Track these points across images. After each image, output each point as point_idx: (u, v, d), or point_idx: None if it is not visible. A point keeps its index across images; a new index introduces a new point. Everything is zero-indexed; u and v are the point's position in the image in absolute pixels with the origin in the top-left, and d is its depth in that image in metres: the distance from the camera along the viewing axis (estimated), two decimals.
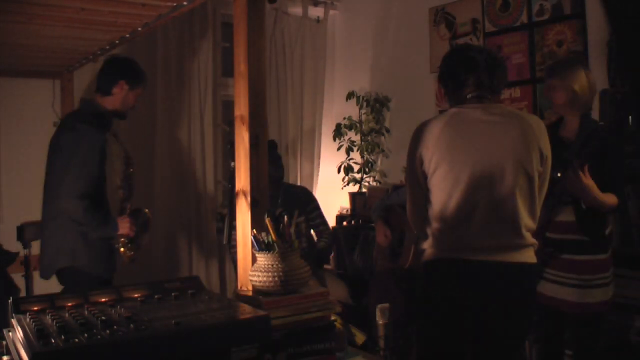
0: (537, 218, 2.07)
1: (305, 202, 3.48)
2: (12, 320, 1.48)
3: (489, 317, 2.00)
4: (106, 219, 2.69)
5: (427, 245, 2.12)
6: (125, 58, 2.98)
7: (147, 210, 2.93)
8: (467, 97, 2.10)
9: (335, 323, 1.74)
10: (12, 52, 3.09)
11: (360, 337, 2.66)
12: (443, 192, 2.04)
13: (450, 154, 2.03)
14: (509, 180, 1.98)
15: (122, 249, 2.78)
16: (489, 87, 2.09)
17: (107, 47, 3.13)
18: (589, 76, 2.53)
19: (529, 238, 2.03)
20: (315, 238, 3.55)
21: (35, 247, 3.15)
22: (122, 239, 2.76)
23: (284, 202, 3.34)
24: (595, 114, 2.83)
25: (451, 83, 2.16)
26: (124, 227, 2.73)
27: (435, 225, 2.08)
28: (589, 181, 2.31)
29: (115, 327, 1.33)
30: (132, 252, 2.80)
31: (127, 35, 2.87)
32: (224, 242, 2.74)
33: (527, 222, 2.02)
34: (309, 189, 4.00)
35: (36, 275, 3.12)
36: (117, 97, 2.80)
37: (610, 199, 2.39)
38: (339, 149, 4.59)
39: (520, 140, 1.99)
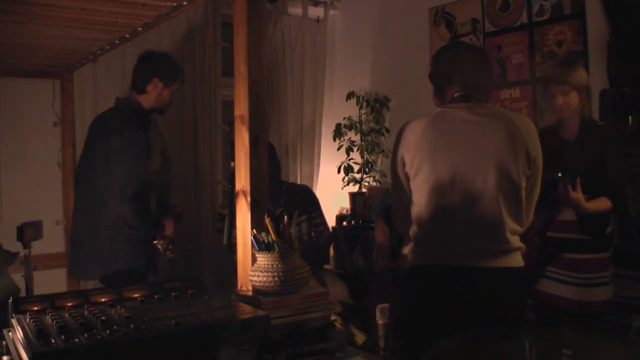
0: (525, 221, 2.00)
1: (307, 202, 3.49)
2: (12, 320, 1.48)
3: (476, 323, 1.89)
4: (156, 221, 2.69)
5: (409, 251, 2.07)
6: (160, 54, 2.90)
7: (179, 209, 2.85)
8: (454, 96, 2.04)
9: (335, 323, 1.74)
10: (12, 52, 3.09)
11: (360, 337, 2.66)
12: (424, 195, 1.98)
13: (432, 156, 1.97)
14: (492, 183, 1.91)
15: (166, 251, 2.70)
16: (477, 86, 2.02)
17: (107, 47, 3.12)
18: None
19: (515, 242, 1.97)
20: (314, 238, 3.55)
21: (36, 247, 3.15)
22: (164, 240, 2.69)
23: (287, 201, 3.34)
24: (595, 114, 2.83)
25: (439, 82, 2.11)
26: (170, 228, 2.68)
27: (417, 229, 2.03)
28: (576, 195, 2.31)
29: (115, 327, 1.33)
30: (173, 254, 2.71)
31: (127, 35, 2.87)
32: (224, 242, 2.73)
33: (513, 226, 1.95)
34: (304, 186, 3.99)
35: (36, 275, 3.12)
36: (152, 95, 2.75)
37: (600, 205, 2.39)
38: (339, 149, 4.59)
39: (505, 142, 1.93)
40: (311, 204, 3.49)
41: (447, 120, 2.01)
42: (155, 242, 2.69)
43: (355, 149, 4.54)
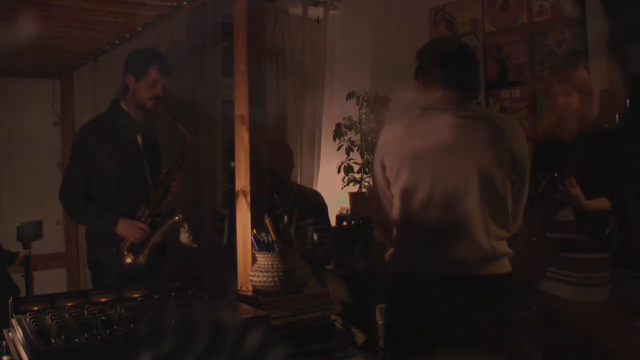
0: (512, 225, 1.95)
1: (313, 207, 3.49)
2: (12, 320, 1.48)
3: (462, 331, 1.85)
4: (93, 214, 2.68)
5: (391, 257, 2.02)
6: (130, 52, 2.91)
7: (177, 217, 2.78)
8: (437, 96, 1.95)
9: (335, 323, 1.74)
10: (12, 52, 3.09)
11: (360, 337, 2.66)
12: (405, 200, 1.92)
13: (412, 161, 1.90)
14: (474, 189, 1.85)
15: (124, 252, 2.67)
16: (461, 86, 1.93)
17: (107, 47, 3.13)
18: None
19: (501, 248, 1.90)
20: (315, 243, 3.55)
21: (36, 247, 3.16)
22: (126, 243, 2.66)
23: (294, 203, 3.35)
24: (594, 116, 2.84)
25: (422, 80, 2.02)
26: (123, 230, 2.64)
27: (398, 235, 1.98)
28: (576, 191, 2.30)
29: (115, 327, 1.33)
30: (131, 259, 2.66)
31: (127, 35, 2.88)
32: (224, 242, 2.72)
33: (497, 232, 1.89)
34: (315, 191, 3.98)
35: (36, 275, 3.13)
36: (130, 92, 2.77)
37: (599, 204, 2.39)
38: (339, 149, 4.59)
39: (488, 146, 1.85)
40: (318, 210, 3.49)
41: (427, 124, 1.93)
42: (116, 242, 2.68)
43: (355, 149, 4.54)
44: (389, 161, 1.96)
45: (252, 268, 1.74)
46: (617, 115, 2.75)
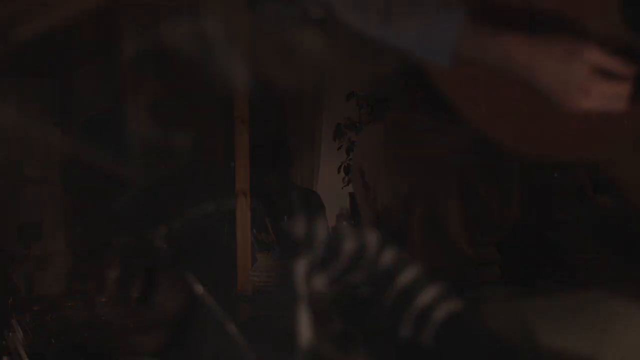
0: (502, 230, 1.89)
1: (314, 207, 3.49)
2: (12, 320, 1.48)
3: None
4: None
5: None
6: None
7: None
8: (419, 96, 1.87)
9: None
10: (12, 52, 3.10)
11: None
12: (383, 209, 1.89)
13: (389, 168, 1.86)
14: (454, 197, 1.79)
15: None
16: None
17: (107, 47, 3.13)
18: None
19: (489, 254, 1.86)
20: None
21: (35, 247, 3.15)
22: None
23: (294, 203, 3.35)
24: None
25: (404, 80, 1.96)
26: None
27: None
28: (595, 196, 2.29)
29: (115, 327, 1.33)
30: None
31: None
32: (224, 242, 2.72)
33: (484, 239, 1.84)
34: (313, 191, 3.99)
35: (36, 275, 3.12)
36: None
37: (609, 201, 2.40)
38: (339, 149, 4.58)
39: (469, 148, 1.77)
40: (318, 211, 3.49)
41: (406, 128, 1.89)
42: None
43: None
44: (366, 166, 1.92)
45: (252, 268, 1.74)
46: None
